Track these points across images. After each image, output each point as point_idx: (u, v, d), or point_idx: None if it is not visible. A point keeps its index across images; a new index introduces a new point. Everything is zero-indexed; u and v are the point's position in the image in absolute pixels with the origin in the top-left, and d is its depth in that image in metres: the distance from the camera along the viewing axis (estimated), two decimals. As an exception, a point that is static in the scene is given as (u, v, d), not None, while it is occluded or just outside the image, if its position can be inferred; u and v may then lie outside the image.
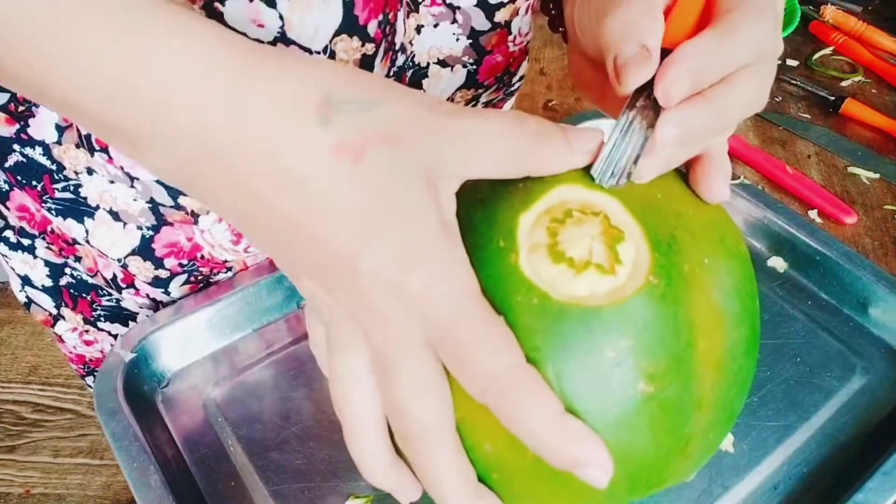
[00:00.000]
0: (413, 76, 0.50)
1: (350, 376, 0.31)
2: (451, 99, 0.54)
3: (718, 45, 0.30)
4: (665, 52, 0.31)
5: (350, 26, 0.41)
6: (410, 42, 0.48)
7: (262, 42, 0.40)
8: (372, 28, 0.42)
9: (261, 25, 0.39)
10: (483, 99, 0.57)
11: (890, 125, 0.77)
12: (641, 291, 0.29)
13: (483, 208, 0.31)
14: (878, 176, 0.72)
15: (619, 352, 0.29)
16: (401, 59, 0.47)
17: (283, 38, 0.40)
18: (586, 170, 0.32)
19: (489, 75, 0.53)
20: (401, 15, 0.45)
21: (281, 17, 0.39)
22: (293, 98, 0.27)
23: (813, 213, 0.68)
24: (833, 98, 0.80)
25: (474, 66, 0.51)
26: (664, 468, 0.32)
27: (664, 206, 0.32)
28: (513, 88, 0.60)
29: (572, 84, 0.86)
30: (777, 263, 0.58)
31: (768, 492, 0.45)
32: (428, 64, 0.50)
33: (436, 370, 0.29)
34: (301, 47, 0.41)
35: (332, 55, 0.42)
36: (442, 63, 0.50)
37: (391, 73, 0.47)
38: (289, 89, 0.28)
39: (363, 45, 0.42)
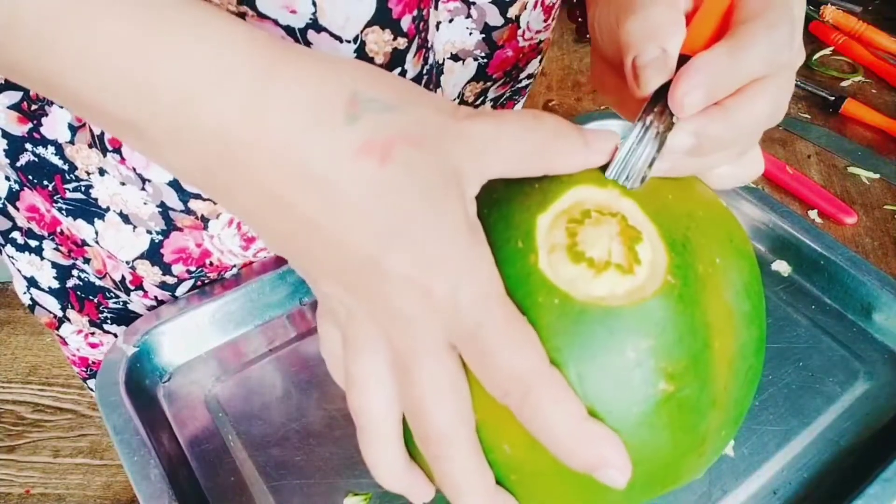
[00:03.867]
0: (435, 72, 0.51)
1: (367, 378, 0.30)
2: (461, 92, 0.54)
3: (731, 58, 0.30)
4: (682, 59, 0.31)
5: (383, 18, 0.41)
6: (432, 40, 0.48)
7: (294, 29, 0.40)
8: (406, 23, 0.42)
9: (293, 11, 0.39)
10: (491, 94, 0.57)
11: (890, 125, 0.77)
12: (660, 292, 0.30)
13: (499, 209, 0.31)
14: (878, 176, 0.72)
15: (640, 352, 0.29)
16: (431, 57, 0.47)
17: (314, 25, 0.40)
18: (600, 171, 0.32)
19: (498, 69, 0.53)
20: (433, 12, 0.46)
21: (314, 4, 0.39)
22: (319, 97, 0.27)
23: (813, 214, 0.68)
24: (833, 98, 0.80)
25: (485, 60, 0.52)
26: (680, 467, 0.32)
27: (676, 207, 0.33)
28: (520, 85, 0.60)
29: (573, 84, 0.86)
30: (781, 267, 0.58)
31: (768, 496, 0.45)
32: (444, 60, 0.50)
33: (457, 371, 0.29)
34: (332, 35, 0.41)
35: (363, 46, 0.42)
36: (454, 57, 0.51)
37: (424, 71, 0.47)
38: (314, 88, 0.27)
39: (395, 39, 0.42)
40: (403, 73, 0.45)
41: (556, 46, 0.93)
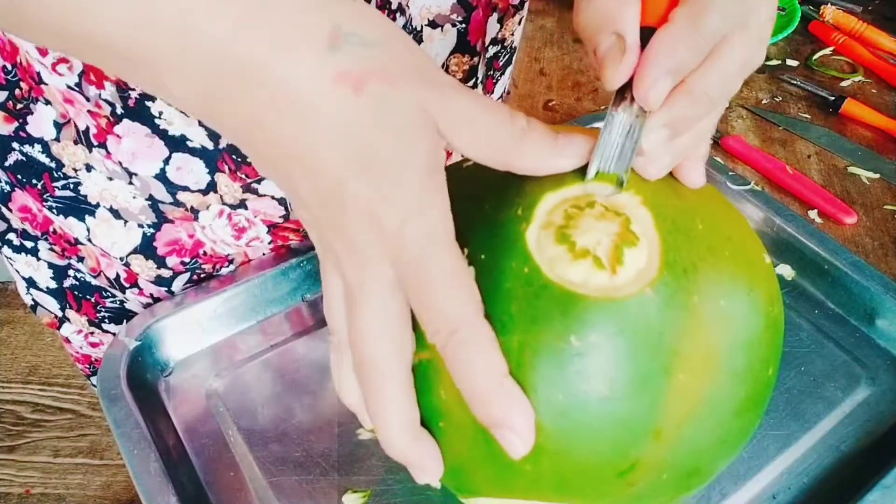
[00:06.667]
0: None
1: (333, 297, 0.32)
2: (445, 64, 0.54)
3: (692, 27, 0.30)
4: (644, 32, 0.31)
5: None
6: (407, 4, 0.48)
7: None
8: None
9: None
10: (479, 73, 0.56)
11: (890, 125, 0.77)
12: (631, 298, 0.29)
13: (517, 176, 0.32)
14: (878, 176, 0.72)
15: (586, 344, 0.29)
16: (400, 21, 0.47)
17: None
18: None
19: (478, 35, 0.53)
20: None
21: None
22: (304, 25, 0.28)
23: (813, 213, 0.68)
24: (833, 98, 0.80)
25: (464, 25, 0.51)
26: (598, 483, 0.31)
27: (701, 236, 0.32)
28: (488, 55, 0.58)
29: (573, 84, 0.86)
30: (785, 271, 0.58)
31: (767, 501, 0.44)
32: (421, 27, 0.50)
33: (399, 311, 0.30)
34: None
35: None
36: (432, 24, 0.50)
37: None
38: (299, 17, 0.28)
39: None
40: None
41: (557, 46, 0.93)
